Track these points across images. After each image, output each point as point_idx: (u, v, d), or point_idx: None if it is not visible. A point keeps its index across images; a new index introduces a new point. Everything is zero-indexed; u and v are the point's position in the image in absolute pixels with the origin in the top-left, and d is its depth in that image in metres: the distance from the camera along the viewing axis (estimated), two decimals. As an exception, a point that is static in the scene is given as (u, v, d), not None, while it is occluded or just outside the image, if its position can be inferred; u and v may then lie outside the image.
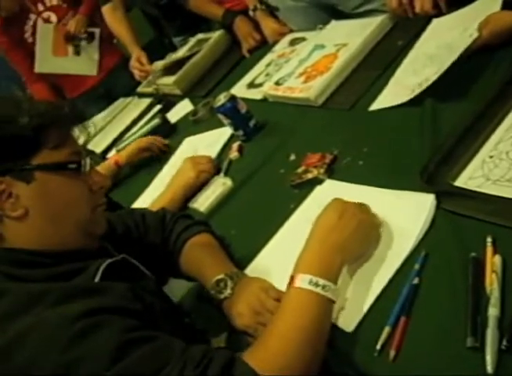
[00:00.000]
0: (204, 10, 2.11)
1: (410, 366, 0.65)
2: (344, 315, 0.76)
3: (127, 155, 1.60)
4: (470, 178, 0.80)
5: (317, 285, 0.72)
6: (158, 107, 1.97)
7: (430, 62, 1.08)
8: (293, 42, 1.75)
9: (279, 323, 0.71)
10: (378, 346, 0.68)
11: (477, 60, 1.03)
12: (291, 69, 1.49)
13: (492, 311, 0.62)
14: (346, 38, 1.43)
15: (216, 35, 2.08)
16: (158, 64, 2.15)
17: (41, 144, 0.74)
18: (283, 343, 0.69)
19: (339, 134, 1.16)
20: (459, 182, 0.81)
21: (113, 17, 2.34)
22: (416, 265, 0.74)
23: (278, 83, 1.47)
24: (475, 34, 1.02)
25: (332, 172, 1.04)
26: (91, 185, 0.81)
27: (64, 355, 0.62)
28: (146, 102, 2.09)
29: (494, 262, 0.67)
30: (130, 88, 2.37)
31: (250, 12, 1.93)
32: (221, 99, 1.32)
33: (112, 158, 1.62)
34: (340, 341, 0.73)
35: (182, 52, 2.17)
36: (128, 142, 1.73)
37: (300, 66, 1.47)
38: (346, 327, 0.74)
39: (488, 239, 0.70)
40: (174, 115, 1.86)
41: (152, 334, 0.67)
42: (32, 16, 2.50)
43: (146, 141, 1.63)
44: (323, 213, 0.82)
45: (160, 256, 0.99)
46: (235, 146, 1.36)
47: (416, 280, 0.72)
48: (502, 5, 1.07)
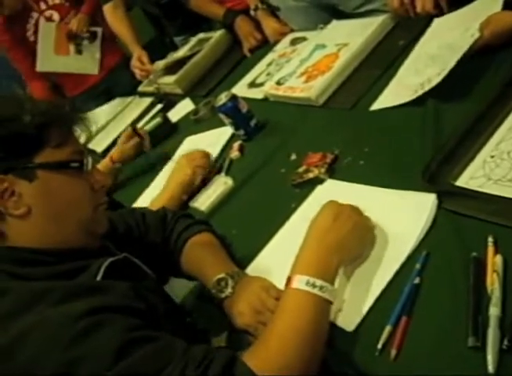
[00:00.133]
0: (205, 9, 2.11)
1: (411, 366, 0.65)
2: (344, 314, 0.76)
3: (117, 149, 1.58)
4: (471, 178, 0.80)
5: (314, 286, 0.72)
6: (159, 106, 1.97)
7: (432, 62, 1.08)
8: (294, 42, 1.75)
9: (278, 323, 0.72)
10: (379, 346, 0.68)
11: (478, 61, 1.03)
12: (292, 68, 1.49)
13: (493, 311, 0.62)
14: (347, 38, 1.43)
15: (217, 35, 2.08)
16: (159, 64, 2.14)
17: (44, 143, 0.74)
18: (283, 343, 0.69)
19: (340, 133, 1.16)
20: (461, 182, 0.81)
21: (114, 16, 2.34)
22: (418, 265, 0.74)
23: (279, 83, 1.47)
24: (477, 34, 1.02)
25: (333, 172, 1.04)
26: (93, 184, 0.81)
27: (66, 353, 0.62)
28: (147, 101, 2.08)
29: (495, 261, 0.67)
30: (131, 88, 2.37)
31: (252, 12, 1.92)
32: (222, 99, 1.33)
33: (108, 156, 1.62)
34: (340, 340, 0.73)
35: (183, 51, 2.17)
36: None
37: (301, 66, 1.47)
38: (347, 326, 0.74)
39: (490, 239, 0.70)
40: (175, 114, 1.86)
41: (154, 333, 0.67)
42: (34, 14, 2.50)
43: (130, 128, 1.61)
44: (319, 215, 0.82)
45: (161, 255, 0.99)
46: (236, 145, 1.36)
47: (417, 279, 0.72)
48: (503, 6, 1.07)
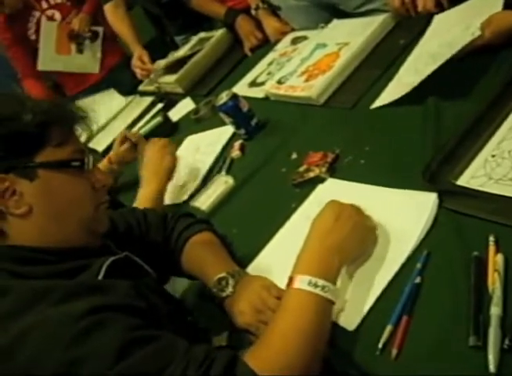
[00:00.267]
0: (206, 9, 2.10)
1: (412, 365, 0.65)
2: (345, 314, 0.76)
3: (113, 150, 1.55)
4: (472, 177, 0.80)
5: (316, 286, 0.72)
6: (160, 106, 1.97)
7: (433, 60, 1.08)
8: (295, 41, 1.75)
9: (280, 323, 0.71)
10: (380, 345, 0.68)
11: (479, 60, 1.03)
12: (293, 68, 1.49)
13: (495, 310, 0.62)
14: (348, 37, 1.43)
15: (218, 34, 2.08)
16: (160, 63, 2.15)
17: (45, 142, 0.74)
18: (285, 343, 0.69)
19: (341, 133, 1.16)
20: (462, 181, 0.81)
21: (114, 15, 2.34)
22: (418, 264, 0.74)
23: (280, 82, 1.47)
24: (477, 33, 1.02)
25: (334, 171, 1.04)
26: (94, 183, 0.81)
27: (67, 353, 0.61)
28: (148, 100, 2.08)
29: (496, 260, 0.67)
30: (131, 87, 2.37)
31: (252, 11, 1.92)
32: (223, 98, 1.32)
33: (107, 157, 1.61)
34: (341, 339, 0.73)
35: (183, 50, 2.17)
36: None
37: (302, 65, 1.47)
38: (348, 325, 0.74)
39: (491, 238, 0.70)
40: (175, 114, 1.86)
41: (155, 333, 0.67)
42: (36, 13, 2.51)
43: (123, 132, 1.59)
44: (320, 215, 0.82)
45: (162, 254, 0.99)
46: (237, 144, 1.36)
47: (418, 279, 0.72)
48: (504, 6, 1.07)
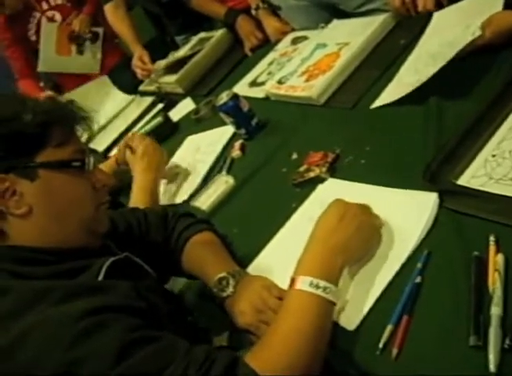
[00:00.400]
0: (207, 9, 2.10)
1: (413, 365, 0.65)
2: (346, 313, 0.76)
3: (119, 152, 1.54)
4: (472, 177, 0.80)
5: (318, 287, 0.72)
6: (160, 106, 1.97)
7: (433, 60, 1.08)
8: (295, 41, 1.75)
9: (281, 323, 0.71)
10: (380, 345, 0.68)
11: (479, 60, 1.03)
12: (293, 68, 1.49)
13: (495, 310, 0.62)
14: (348, 37, 1.43)
15: (218, 34, 2.08)
16: (160, 63, 2.15)
17: (45, 142, 0.74)
18: (286, 343, 0.69)
19: (341, 133, 1.15)
20: (462, 181, 0.81)
21: (115, 16, 2.34)
22: (419, 264, 0.74)
23: (280, 82, 1.47)
24: (478, 32, 1.02)
25: (334, 171, 1.04)
26: (95, 183, 0.81)
27: (67, 353, 0.61)
28: (148, 100, 2.09)
29: (497, 260, 0.67)
30: (132, 87, 2.37)
31: (253, 11, 1.92)
32: (223, 98, 1.32)
33: (113, 156, 1.61)
34: (342, 339, 0.73)
35: (184, 50, 2.17)
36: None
37: (302, 65, 1.47)
38: (348, 325, 0.74)
39: (491, 238, 0.70)
40: (176, 114, 1.86)
41: (156, 333, 0.67)
42: (36, 14, 2.51)
43: (129, 137, 1.57)
44: (324, 214, 0.81)
45: (162, 254, 0.99)
46: (237, 144, 1.36)
47: (418, 278, 0.72)
48: (504, 6, 1.07)
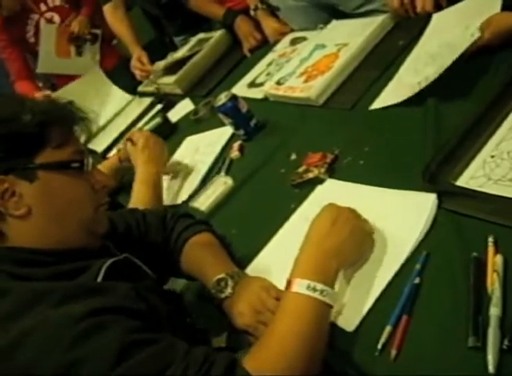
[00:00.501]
0: (205, 10, 2.10)
1: (411, 366, 0.65)
2: (344, 314, 0.76)
3: (122, 148, 1.54)
4: (471, 178, 0.80)
5: (315, 290, 0.72)
6: (159, 107, 1.97)
7: (432, 60, 1.08)
8: (294, 42, 1.75)
9: (278, 325, 0.71)
10: (379, 346, 0.68)
11: (478, 61, 1.03)
12: (292, 68, 1.49)
13: (494, 311, 0.62)
14: (347, 38, 1.43)
15: (217, 35, 2.08)
16: (159, 64, 2.14)
17: (44, 143, 0.74)
18: (283, 345, 0.69)
19: (340, 133, 1.16)
20: (461, 182, 0.81)
21: (114, 16, 2.33)
22: (418, 265, 0.74)
23: (279, 82, 1.47)
24: (477, 34, 1.02)
25: (333, 172, 1.04)
26: (94, 184, 0.81)
27: (67, 354, 0.61)
28: (147, 101, 2.08)
29: (495, 261, 0.67)
30: (131, 88, 2.37)
31: (251, 12, 1.92)
32: (222, 99, 1.32)
33: (115, 155, 1.60)
34: (341, 340, 0.73)
35: (182, 51, 2.17)
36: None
37: (301, 66, 1.47)
38: (347, 326, 0.74)
39: (490, 238, 0.70)
40: (175, 114, 1.86)
41: (155, 335, 0.67)
42: (34, 15, 2.51)
43: (130, 132, 1.58)
44: (317, 218, 0.82)
45: (161, 255, 0.99)
46: (236, 145, 1.36)
47: (417, 279, 0.72)
48: (502, 7, 1.07)
